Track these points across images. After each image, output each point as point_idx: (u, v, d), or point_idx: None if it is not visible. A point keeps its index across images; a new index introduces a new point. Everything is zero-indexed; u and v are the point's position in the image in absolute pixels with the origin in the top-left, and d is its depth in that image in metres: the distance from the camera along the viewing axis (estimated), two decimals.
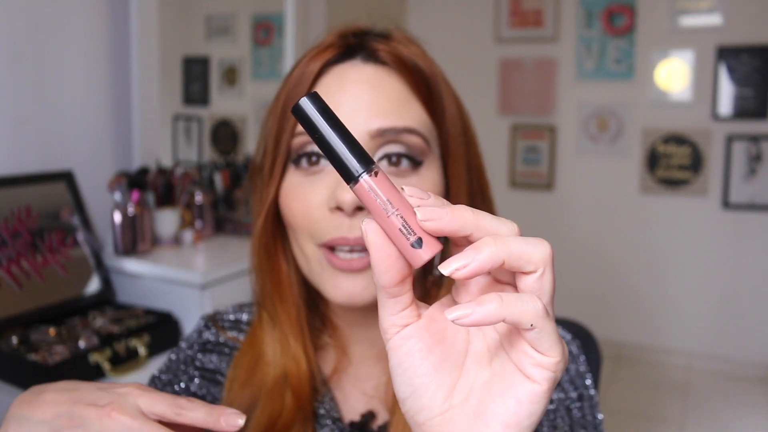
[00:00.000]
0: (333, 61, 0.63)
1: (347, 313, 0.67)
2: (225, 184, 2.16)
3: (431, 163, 0.63)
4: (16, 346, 1.32)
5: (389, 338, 0.38)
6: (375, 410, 0.66)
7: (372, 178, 0.35)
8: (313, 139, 0.36)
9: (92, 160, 1.76)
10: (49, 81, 1.64)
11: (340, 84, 0.62)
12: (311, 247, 0.62)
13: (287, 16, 2.43)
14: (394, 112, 0.61)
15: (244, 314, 0.74)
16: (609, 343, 3.31)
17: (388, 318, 0.37)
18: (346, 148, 0.36)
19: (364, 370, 0.68)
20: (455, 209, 0.35)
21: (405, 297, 0.37)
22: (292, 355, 0.65)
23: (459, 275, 0.33)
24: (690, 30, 3.19)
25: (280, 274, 0.67)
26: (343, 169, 0.36)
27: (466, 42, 3.61)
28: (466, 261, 0.33)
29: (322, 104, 0.36)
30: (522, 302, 0.33)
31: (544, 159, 3.52)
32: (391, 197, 0.35)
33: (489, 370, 0.37)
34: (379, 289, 0.37)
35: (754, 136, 3.10)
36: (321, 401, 0.66)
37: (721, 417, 2.81)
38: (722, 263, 3.25)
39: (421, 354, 0.37)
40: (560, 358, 0.34)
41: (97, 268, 1.63)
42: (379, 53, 0.63)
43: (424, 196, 0.35)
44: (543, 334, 0.33)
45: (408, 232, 0.35)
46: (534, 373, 0.35)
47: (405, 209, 0.35)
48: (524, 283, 0.34)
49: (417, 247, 0.35)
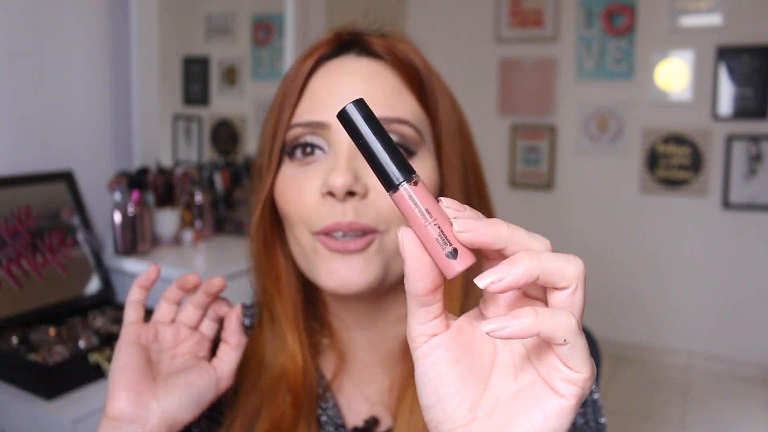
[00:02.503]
0: (328, 56, 0.64)
1: (345, 311, 0.67)
2: (225, 184, 2.16)
3: (425, 155, 0.63)
4: (16, 346, 1.32)
5: (417, 347, 0.38)
6: (378, 415, 0.66)
7: (412, 187, 0.36)
8: (357, 144, 0.37)
9: (92, 160, 1.76)
10: (49, 81, 1.64)
11: (334, 76, 0.62)
12: (306, 236, 0.61)
13: (287, 16, 2.43)
14: (386, 103, 0.61)
15: (245, 318, 0.74)
16: (609, 343, 3.31)
17: (417, 326, 0.37)
18: (388, 156, 0.36)
19: (366, 374, 0.68)
20: (491, 222, 0.35)
21: (435, 306, 0.37)
22: (289, 352, 0.64)
23: (494, 288, 0.33)
24: (690, 30, 3.19)
25: (278, 269, 0.66)
26: (384, 177, 0.37)
27: (466, 42, 3.61)
28: (502, 275, 0.33)
29: (368, 110, 0.37)
30: (556, 317, 0.33)
31: (544, 159, 3.52)
32: (429, 207, 0.36)
33: (515, 383, 0.37)
34: (411, 297, 0.37)
35: (754, 136, 3.10)
36: (324, 408, 0.66)
37: (721, 417, 2.81)
38: (722, 263, 3.25)
39: (448, 364, 0.37)
40: (589, 375, 0.34)
41: (97, 268, 1.63)
42: (373, 47, 0.64)
43: (461, 209, 0.36)
44: (575, 350, 0.34)
45: (444, 242, 0.35)
46: (562, 388, 0.35)
47: (442, 220, 0.35)
48: (556, 299, 0.35)
49: (452, 258, 0.35)
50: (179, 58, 2.38)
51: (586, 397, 0.66)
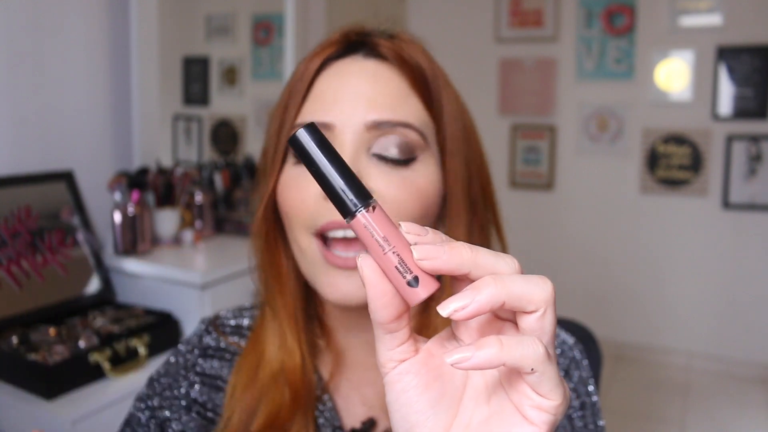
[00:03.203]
0: (334, 56, 0.64)
1: (342, 314, 0.67)
2: (225, 184, 2.16)
3: (427, 159, 0.63)
4: (16, 346, 1.32)
5: (386, 372, 0.37)
6: (376, 417, 0.66)
7: (369, 213, 0.35)
8: (310, 171, 0.36)
9: (92, 160, 1.76)
10: (49, 81, 1.64)
11: (341, 77, 0.62)
12: (306, 238, 0.61)
13: (287, 16, 2.43)
14: (391, 106, 0.61)
15: (245, 319, 0.74)
16: (609, 343, 3.31)
17: (385, 353, 0.37)
18: (343, 182, 0.35)
19: (364, 376, 0.67)
20: (453, 247, 0.34)
21: (402, 332, 0.36)
22: (288, 347, 0.64)
23: (458, 316, 0.32)
24: (690, 30, 3.19)
25: (280, 267, 0.66)
26: (340, 204, 0.35)
27: (466, 42, 3.61)
28: (465, 302, 0.32)
29: (320, 135, 0.36)
30: (523, 346, 0.32)
31: (544, 159, 3.52)
32: (388, 234, 0.34)
33: (487, 408, 0.37)
34: (376, 325, 0.36)
35: (754, 136, 3.10)
36: (321, 410, 0.65)
37: (721, 417, 2.81)
38: (722, 263, 3.25)
39: (418, 390, 0.37)
40: (561, 401, 0.34)
41: (97, 268, 1.63)
42: (381, 49, 0.64)
43: (421, 233, 0.35)
44: (543, 378, 0.33)
45: (404, 270, 0.34)
46: (533, 416, 0.34)
47: (402, 246, 0.34)
48: (525, 323, 0.34)
49: (414, 286, 0.34)
50: (179, 58, 2.37)
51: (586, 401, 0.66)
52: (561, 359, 0.67)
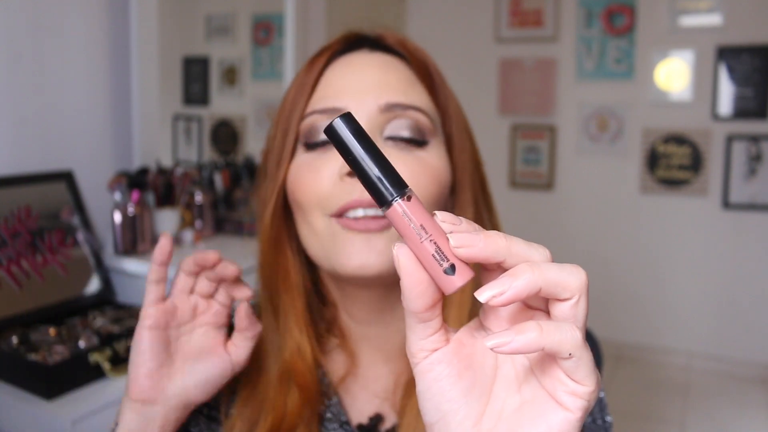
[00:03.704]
0: (340, 52, 0.65)
1: (353, 303, 0.66)
2: (225, 184, 2.16)
3: (438, 146, 0.64)
4: (16, 346, 1.32)
5: (417, 362, 0.37)
6: (383, 413, 0.65)
7: (405, 202, 0.35)
8: (346, 160, 0.36)
9: (92, 160, 1.76)
10: (49, 81, 1.64)
11: (349, 66, 0.63)
12: (322, 221, 0.60)
13: (287, 16, 2.43)
14: (401, 90, 0.62)
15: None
16: (609, 343, 3.31)
17: (417, 342, 0.37)
18: (380, 171, 0.35)
19: (372, 372, 0.67)
20: (489, 235, 0.34)
21: (435, 322, 0.37)
22: (296, 346, 0.64)
23: (496, 302, 0.32)
24: (690, 30, 3.19)
25: (287, 265, 0.66)
26: (377, 193, 0.36)
27: (466, 42, 3.61)
28: (503, 288, 0.32)
29: (356, 125, 0.36)
30: (561, 331, 0.32)
31: (544, 159, 3.52)
32: (424, 222, 0.35)
33: (518, 396, 0.37)
34: (409, 314, 0.36)
35: (754, 136, 3.10)
36: (328, 404, 0.65)
37: (721, 417, 2.81)
38: (722, 263, 3.25)
39: (450, 379, 0.37)
40: (594, 387, 0.34)
41: (97, 268, 1.63)
42: (386, 41, 0.65)
43: (456, 222, 0.35)
44: (580, 363, 0.33)
45: (441, 258, 0.34)
46: (568, 402, 0.34)
47: (438, 235, 0.35)
48: (559, 310, 0.34)
49: (450, 274, 0.34)
50: (179, 58, 2.38)
51: None
52: None
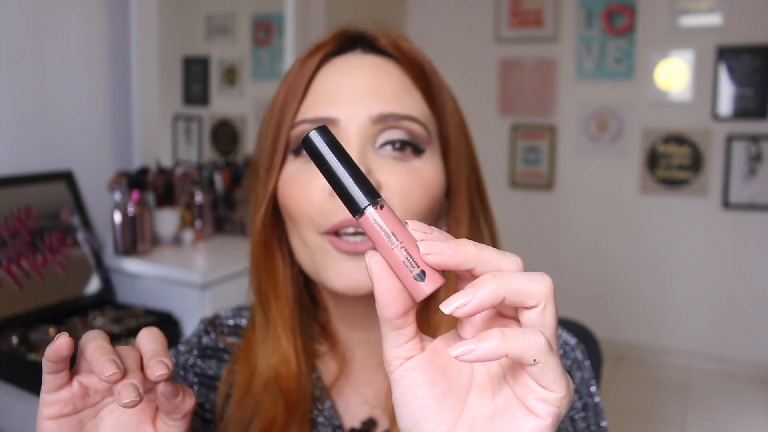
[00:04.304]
0: (333, 53, 0.63)
1: (348, 310, 0.66)
2: (225, 184, 2.16)
3: (433, 154, 0.62)
4: (16, 346, 1.32)
5: (392, 370, 0.38)
6: (376, 417, 0.65)
7: (377, 211, 0.36)
8: (321, 171, 0.37)
9: (92, 160, 1.76)
10: (49, 81, 1.64)
11: (341, 72, 0.62)
12: (314, 236, 0.60)
13: (287, 16, 2.43)
14: (396, 98, 0.60)
15: (243, 319, 0.73)
16: (609, 343, 3.31)
17: (391, 350, 0.37)
18: (353, 181, 0.36)
19: (365, 376, 0.67)
20: (458, 243, 0.35)
21: (408, 329, 0.37)
22: (283, 355, 0.63)
23: (460, 313, 0.33)
24: (690, 30, 3.19)
25: (276, 272, 0.65)
26: (350, 202, 0.37)
27: (466, 42, 3.61)
28: (467, 299, 0.33)
29: (331, 137, 0.37)
30: (525, 337, 0.33)
31: (544, 159, 3.52)
32: (395, 230, 0.36)
33: (492, 403, 0.37)
34: (383, 321, 0.37)
35: (754, 136, 3.10)
36: (321, 409, 0.65)
37: (721, 417, 2.81)
38: (722, 263, 3.25)
39: (424, 386, 0.37)
40: (565, 393, 0.34)
41: (97, 268, 1.63)
42: (379, 43, 0.63)
43: (427, 230, 0.36)
44: (546, 369, 0.33)
45: (411, 264, 0.35)
46: (538, 408, 0.34)
47: (408, 242, 0.35)
48: (526, 318, 0.35)
49: (420, 280, 0.35)
50: (179, 58, 2.37)
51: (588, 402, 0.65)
52: (563, 360, 0.67)
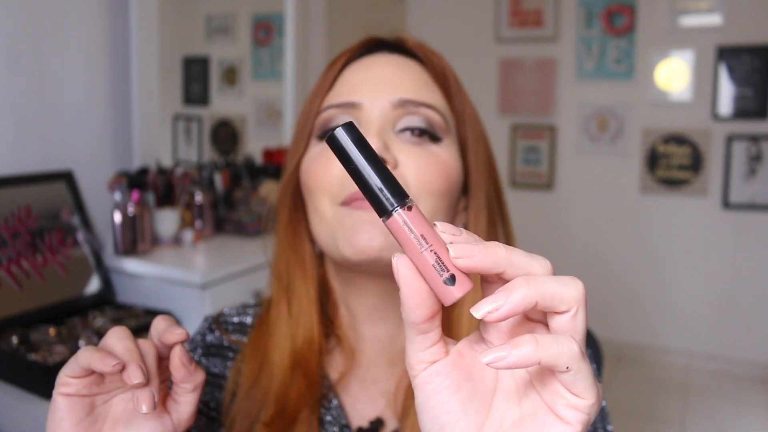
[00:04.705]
0: (359, 54, 0.67)
1: (357, 300, 0.66)
2: (225, 184, 2.16)
3: (450, 144, 0.64)
4: (16, 346, 1.32)
5: (416, 374, 0.37)
6: (384, 417, 0.65)
7: (406, 212, 0.35)
8: (347, 170, 0.36)
9: (92, 160, 1.76)
10: (49, 81, 1.64)
11: (367, 66, 0.65)
12: (331, 208, 0.61)
13: (287, 16, 2.43)
14: (415, 88, 0.63)
15: (248, 317, 0.73)
16: (609, 343, 3.31)
17: (415, 354, 0.37)
18: (380, 182, 0.35)
19: (373, 374, 0.67)
20: (488, 246, 0.34)
21: (434, 333, 0.36)
22: (308, 334, 0.64)
23: (492, 318, 0.32)
24: (690, 30, 3.19)
25: (304, 252, 0.67)
26: (377, 203, 0.35)
27: (466, 42, 3.61)
28: (498, 304, 0.32)
29: (358, 134, 0.35)
30: (558, 344, 0.32)
31: (544, 159, 3.52)
32: (424, 232, 0.34)
33: (518, 408, 0.37)
34: (409, 325, 0.36)
35: (754, 136, 3.10)
36: (328, 407, 0.65)
37: (721, 417, 2.81)
38: (722, 263, 3.25)
39: (449, 391, 0.36)
40: (595, 401, 0.34)
41: (97, 268, 1.63)
42: (406, 44, 0.67)
43: (456, 233, 0.35)
44: (579, 377, 0.33)
45: (441, 268, 0.34)
46: (567, 415, 0.34)
47: (438, 245, 0.34)
48: (557, 323, 0.34)
49: (449, 285, 0.34)
50: (179, 58, 2.37)
51: None
52: None
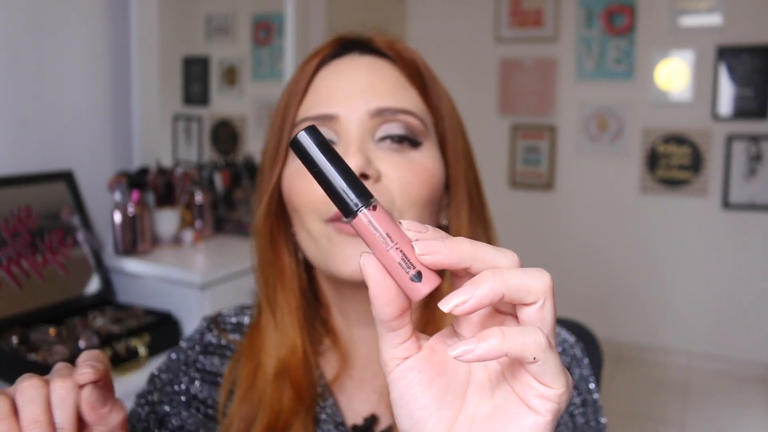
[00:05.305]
0: (330, 56, 0.66)
1: (349, 306, 0.66)
2: (225, 184, 2.16)
3: (431, 147, 0.64)
4: (16, 346, 1.32)
5: (390, 371, 0.38)
6: (378, 413, 0.65)
7: (371, 212, 0.35)
8: (312, 173, 0.36)
9: (92, 160, 1.76)
10: (49, 81, 1.64)
11: (339, 71, 0.64)
12: (318, 225, 0.61)
13: (287, 16, 2.43)
14: (391, 94, 0.63)
15: (245, 317, 0.74)
16: (609, 343, 3.31)
17: (388, 351, 0.37)
18: (344, 183, 0.36)
19: (367, 372, 0.67)
20: (453, 242, 0.34)
21: (404, 330, 0.37)
22: (291, 345, 0.64)
23: (459, 311, 0.33)
24: (690, 30, 3.19)
25: (283, 264, 0.67)
26: (342, 203, 0.36)
27: (466, 42, 3.61)
28: (466, 297, 0.33)
29: (320, 137, 0.36)
30: (524, 336, 0.33)
31: (544, 159, 3.52)
32: (390, 231, 0.35)
33: (491, 401, 0.37)
34: (379, 323, 0.37)
35: (754, 136, 3.10)
36: (323, 406, 0.65)
37: (721, 417, 2.81)
38: (722, 263, 3.25)
39: (422, 386, 0.37)
40: (564, 389, 0.34)
41: (97, 268, 1.63)
42: (375, 44, 0.66)
43: (422, 230, 0.35)
44: (546, 367, 0.33)
45: (407, 265, 0.35)
46: (537, 405, 0.34)
47: (404, 243, 0.35)
48: (525, 315, 0.34)
49: (416, 281, 0.35)
50: (179, 58, 2.37)
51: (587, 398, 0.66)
52: (562, 357, 0.68)
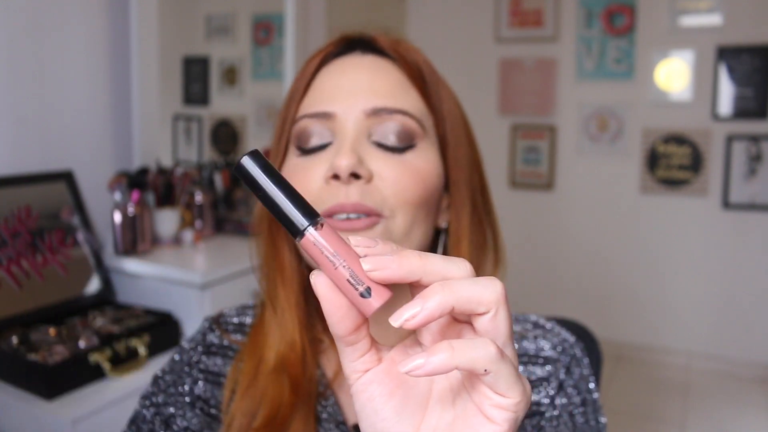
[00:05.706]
0: (333, 55, 0.67)
1: None
2: (225, 184, 2.16)
3: (426, 148, 0.64)
4: (16, 346, 1.32)
5: (352, 384, 0.38)
6: None
7: (318, 230, 0.36)
8: (257, 196, 0.37)
9: (92, 160, 1.76)
10: (49, 81, 1.64)
11: (340, 70, 0.65)
12: None
13: (287, 16, 2.43)
14: (390, 94, 0.63)
15: (247, 317, 0.74)
16: (609, 343, 3.31)
17: (348, 364, 0.38)
18: (290, 204, 0.36)
19: None
20: (402, 256, 0.35)
21: (362, 344, 0.37)
22: (290, 340, 0.65)
23: (409, 325, 0.33)
24: (690, 30, 3.19)
25: (283, 260, 0.67)
26: (288, 224, 0.36)
27: (466, 42, 3.61)
28: (415, 311, 0.33)
29: (263, 161, 0.36)
30: (474, 349, 0.33)
31: (544, 159, 3.52)
32: (337, 249, 0.35)
33: (452, 411, 0.38)
34: (336, 339, 0.37)
35: (754, 136, 3.10)
36: (324, 405, 0.65)
37: (721, 417, 2.81)
38: (722, 263, 3.25)
39: (383, 398, 0.38)
40: (520, 398, 0.34)
41: (97, 268, 1.63)
42: (378, 44, 0.66)
43: (371, 245, 0.36)
44: (499, 377, 0.33)
45: (356, 282, 0.35)
46: (494, 415, 0.35)
47: (352, 260, 0.35)
48: (479, 324, 0.35)
49: (367, 297, 0.35)
50: (179, 58, 2.37)
51: (587, 398, 0.66)
52: (562, 357, 0.68)
